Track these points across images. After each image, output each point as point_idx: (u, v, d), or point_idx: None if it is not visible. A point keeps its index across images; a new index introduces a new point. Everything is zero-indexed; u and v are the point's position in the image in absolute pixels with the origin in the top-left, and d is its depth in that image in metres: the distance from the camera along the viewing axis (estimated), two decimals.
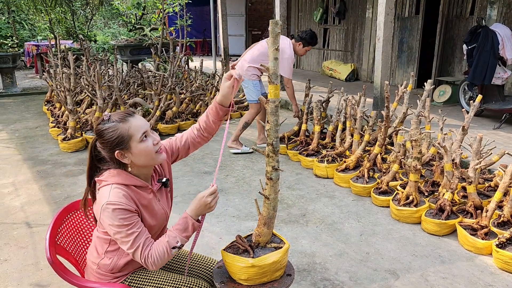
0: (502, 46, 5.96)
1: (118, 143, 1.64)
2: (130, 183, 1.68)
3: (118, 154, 1.66)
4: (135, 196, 1.68)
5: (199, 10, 15.46)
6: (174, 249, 1.64)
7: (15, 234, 3.39)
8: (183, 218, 1.69)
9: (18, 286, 2.72)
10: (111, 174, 1.69)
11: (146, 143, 1.67)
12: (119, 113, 1.69)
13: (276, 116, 1.70)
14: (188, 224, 1.67)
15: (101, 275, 1.79)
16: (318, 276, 2.82)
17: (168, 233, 1.67)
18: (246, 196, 4.09)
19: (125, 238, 1.60)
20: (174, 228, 1.68)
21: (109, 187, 1.64)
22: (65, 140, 5.44)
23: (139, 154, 1.67)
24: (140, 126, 1.67)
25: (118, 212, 1.59)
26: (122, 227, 1.59)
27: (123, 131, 1.64)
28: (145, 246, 1.62)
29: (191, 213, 1.69)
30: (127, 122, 1.65)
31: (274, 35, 1.55)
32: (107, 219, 1.60)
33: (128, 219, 1.60)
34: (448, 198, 3.40)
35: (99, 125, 1.68)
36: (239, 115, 7.43)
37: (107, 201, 1.59)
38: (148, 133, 1.70)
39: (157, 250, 1.63)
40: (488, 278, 2.81)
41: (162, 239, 1.66)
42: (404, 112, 4.52)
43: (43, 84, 10.34)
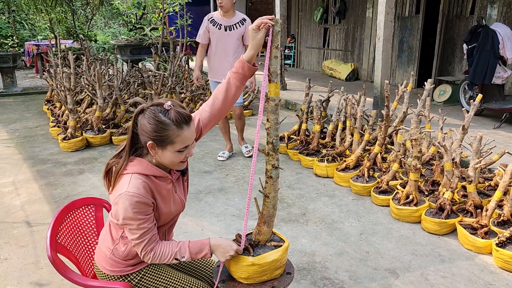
0: (503, 45, 5.96)
1: (160, 139, 1.60)
2: (150, 173, 1.67)
3: (150, 144, 1.62)
4: (154, 186, 1.67)
5: (199, 9, 15.45)
6: (176, 260, 1.69)
7: (15, 233, 3.39)
8: (204, 243, 1.72)
9: (18, 285, 2.72)
10: (132, 163, 1.67)
11: (181, 154, 1.66)
12: (180, 113, 1.60)
13: (276, 115, 1.70)
14: (203, 250, 1.72)
15: (114, 262, 1.78)
16: (318, 275, 2.82)
17: (182, 245, 1.70)
18: (246, 195, 4.08)
19: (134, 230, 1.63)
20: (190, 244, 1.71)
21: (129, 176, 1.63)
22: (65, 140, 5.44)
23: (167, 157, 1.65)
24: (188, 139, 1.64)
25: (135, 205, 1.59)
26: (134, 220, 1.61)
27: (171, 134, 1.59)
28: (150, 242, 1.66)
29: (212, 245, 1.73)
30: (181, 129, 1.60)
31: (274, 34, 1.55)
32: (121, 209, 1.60)
33: (142, 213, 1.62)
34: (448, 197, 3.40)
35: (155, 108, 1.60)
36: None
37: (126, 191, 1.59)
38: (189, 146, 1.68)
39: (162, 251, 1.67)
40: (488, 277, 2.81)
41: (173, 245, 1.69)
42: (404, 111, 4.52)
43: (43, 84, 10.35)
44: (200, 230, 3.39)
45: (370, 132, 4.50)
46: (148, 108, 1.63)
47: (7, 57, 9.01)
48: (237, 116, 5.12)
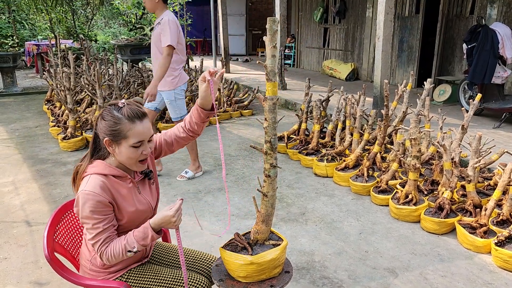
0: (502, 45, 5.97)
1: (113, 134, 1.67)
2: (108, 172, 1.71)
3: (106, 141, 1.68)
4: (112, 186, 1.70)
5: (199, 9, 15.47)
6: (130, 252, 1.66)
7: (15, 232, 3.39)
8: (145, 227, 1.69)
9: (18, 284, 2.72)
10: (92, 165, 1.73)
11: (136, 150, 1.69)
12: (133, 109, 1.68)
13: (274, 114, 1.70)
14: (148, 234, 1.67)
15: (95, 272, 1.80)
16: (317, 274, 2.83)
17: (128, 237, 1.68)
18: (246, 195, 4.09)
19: (90, 230, 1.65)
20: (134, 234, 1.69)
21: (88, 177, 1.68)
22: (65, 139, 5.44)
23: (123, 154, 1.69)
24: (140, 134, 1.68)
25: (90, 203, 1.62)
26: (90, 219, 1.63)
27: (123, 128, 1.66)
28: (104, 243, 1.66)
29: (153, 224, 1.68)
30: (133, 123, 1.66)
31: (271, 33, 1.55)
32: (80, 207, 1.64)
33: (98, 213, 1.63)
34: (448, 196, 3.40)
35: (110, 107, 1.70)
36: (239, 114, 7.44)
37: (83, 190, 1.64)
38: (145, 142, 1.71)
39: (113, 249, 1.66)
40: (487, 277, 2.81)
41: (121, 240, 1.68)
42: (404, 111, 4.52)
43: (43, 84, 10.35)
44: (200, 230, 3.40)
45: (369, 131, 4.51)
46: (105, 108, 1.71)
47: (7, 57, 9.01)
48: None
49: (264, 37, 1.61)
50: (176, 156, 5.23)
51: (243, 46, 16.57)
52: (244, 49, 16.59)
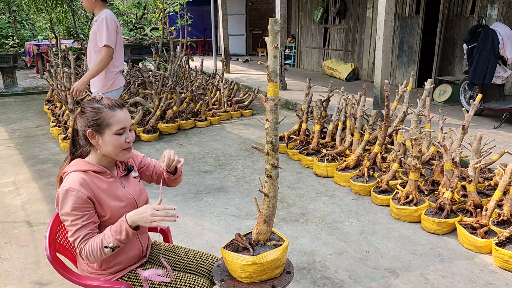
0: (503, 45, 5.97)
1: (95, 124, 1.69)
2: (88, 169, 1.72)
3: (89, 133, 1.70)
4: (92, 181, 1.70)
5: (199, 9, 15.48)
6: (107, 248, 1.63)
7: (16, 232, 3.40)
8: (121, 220, 1.67)
9: (19, 284, 2.73)
10: (71, 164, 1.74)
11: (120, 137, 1.72)
12: (110, 99, 1.74)
13: (275, 114, 1.71)
14: (123, 228, 1.63)
15: (93, 274, 1.80)
16: (318, 275, 2.83)
17: (105, 232, 1.67)
18: (247, 195, 4.10)
19: (70, 227, 1.64)
20: (111, 228, 1.67)
21: (68, 176, 1.69)
22: (66, 139, 5.44)
23: (108, 143, 1.71)
24: (122, 120, 1.72)
25: (69, 199, 1.62)
26: (69, 216, 1.63)
27: (105, 116, 1.69)
28: (83, 240, 1.64)
29: (129, 218, 1.65)
30: (113, 111, 1.71)
31: (273, 34, 1.56)
32: (60, 204, 1.64)
33: (77, 209, 1.63)
34: (448, 197, 3.40)
35: (88, 101, 1.74)
36: (240, 114, 7.44)
37: (62, 185, 1.64)
38: (127, 129, 1.75)
39: (91, 246, 1.64)
40: (488, 277, 2.81)
41: (99, 235, 1.66)
42: (404, 111, 4.52)
43: (44, 84, 10.36)
44: (200, 230, 3.40)
45: (370, 132, 4.51)
46: (83, 103, 1.75)
47: (7, 57, 9.02)
48: None
49: (265, 38, 1.61)
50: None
51: (243, 46, 16.57)
52: (244, 49, 16.59)
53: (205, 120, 6.77)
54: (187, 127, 6.53)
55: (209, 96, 7.45)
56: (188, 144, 5.81)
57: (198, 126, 6.68)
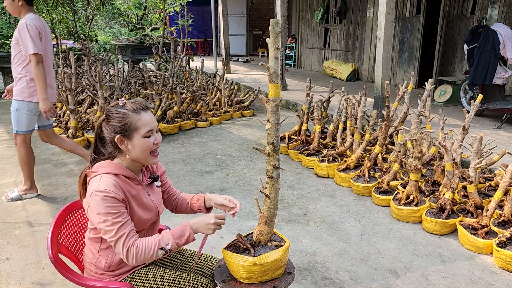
0: (503, 45, 5.97)
1: (123, 129, 1.69)
2: (119, 172, 1.72)
3: (118, 139, 1.70)
4: (124, 185, 1.71)
5: (200, 10, 15.48)
6: (162, 250, 1.64)
7: (17, 233, 3.40)
8: (184, 225, 1.71)
9: (20, 285, 2.73)
10: (101, 165, 1.72)
11: (148, 140, 1.72)
12: (134, 103, 1.74)
13: (276, 115, 1.71)
14: (185, 232, 1.69)
15: (100, 275, 1.81)
16: (319, 275, 2.83)
17: (163, 233, 1.69)
18: (247, 196, 4.10)
19: (110, 227, 1.61)
20: (171, 231, 1.70)
21: (99, 177, 1.68)
22: None
23: (137, 146, 1.71)
24: (149, 123, 1.72)
25: (106, 200, 1.61)
26: (108, 215, 1.61)
27: (132, 120, 1.69)
28: (129, 236, 1.63)
29: (193, 225, 1.72)
30: (139, 114, 1.71)
31: (274, 35, 1.56)
32: (94, 207, 1.62)
33: (115, 208, 1.63)
34: (449, 197, 3.40)
35: (112, 107, 1.73)
36: (240, 114, 7.45)
37: (96, 188, 1.62)
38: (154, 131, 1.75)
39: (144, 245, 1.63)
40: (489, 277, 2.81)
41: (155, 236, 1.68)
42: (405, 111, 4.52)
43: None
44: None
45: (370, 132, 4.51)
46: (107, 110, 1.73)
47: (8, 57, 9.02)
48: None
49: (267, 39, 1.62)
50: (177, 156, 5.24)
51: (244, 47, 16.57)
52: (245, 50, 16.59)
53: (205, 120, 6.77)
54: (187, 127, 6.53)
55: (209, 96, 7.46)
56: (189, 144, 5.81)
57: (198, 127, 6.68)
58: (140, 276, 1.83)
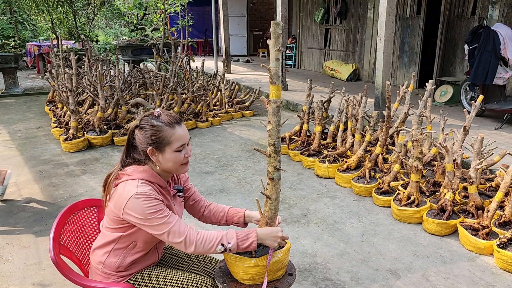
0: (504, 46, 5.97)
1: (156, 142, 1.70)
2: (155, 181, 1.73)
3: (150, 151, 1.71)
4: (158, 194, 1.73)
5: (200, 10, 15.48)
6: (221, 246, 1.67)
7: (18, 233, 3.40)
8: (250, 231, 1.73)
9: (21, 286, 2.73)
10: (137, 170, 1.73)
11: (180, 154, 1.73)
12: (169, 116, 1.73)
13: (277, 117, 1.71)
14: (250, 238, 1.71)
15: (106, 274, 1.81)
16: (320, 276, 2.83)
17: (228, 231, 1.72)
18: (248, 196, 4.10)
19: (159, 221, 1.64)
20: (237, 231, 1.72)
21: (135, 182, 1.68)
22: (67, 140, 5.45)
23: (168, 160, 1.72)
24: (182, 137, 1.73)
25: (149, 201, 1.63)
26: (154, 213, 1.63)
27: (166, 135, 1.69)
28: (182, 225, 1.68)
29: (260, 233, 1.73)
30: (173, 128, 1.71)
31: (275, 36, 1.56)
32: (138, 209, 1.63)
33: (158, 206, 1.65)
34: (450, 198, 3.40)
35: (147, 118, 1.73)
36: (240, 115, 7.45)
37: (137, 192, 1.63)
38: (185, 145, 1.76)
39: (207, 234, 1.68)
40: (490, 278, 2.81)
41: (218, 231, 1.72)
42: (406, 112, 4.52)
43: (45, 84, 10.37)
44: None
45: (371, 133, 4.51)
46: (142, 120, 1.73)
47: (9, 58, 9.03)
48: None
49: (268, 40, 1.62)
50: None
51: (244, 47, 16.56)
52: (245, 50, 16.59)
53: (206, 121, 6.77)
54: (188, 128, 6.53)
55: (210, 96, 7.45)
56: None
57: (199, 127, 6.68)
58: (143, 276, 1.84)
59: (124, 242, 1.77)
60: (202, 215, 2.07)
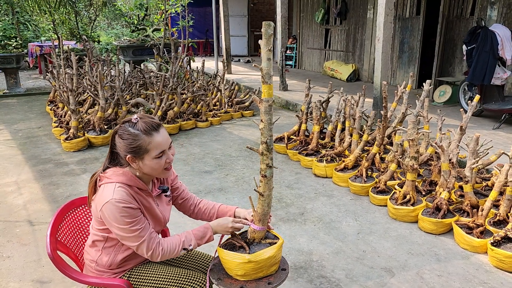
0: (502, 46, 5.99)
1: (134, 151, 1.69)
2: (133, 184, 1.75)
3: (129, 158, 1.71)
4: (137, 196, 1.75)
5: (201, 10, 15.52)
6: (184, 250, 1.75)
7: (18, 231, 3.44)
8: (205, 227, 1.81)
9: (21, 282, 2.77)
10: (117, 173, 1.74)
11: (159, 160, 1.73)
12: (147, 122, 1.70)
13: (269, 115, 1.75)
14: (207, 234, 1.81)
15: (100, 272, 1.85)
16: (315, 274, 2.86)
17: (186, 234, 1.78)
18: (246, 195, 4.13)
19: (130, 234, 1.67)
20: (193, 232, 1.79)
21: (113, 185, 1.69)
22: (68, 140, 5.50)
23: (149, 166, 1.73)
24: (160, 145, 1.71)
25: (122, 210, 1.65)
26: (126, 224, 1.66)
27: (142, 143, 1.68)
28: (151, 239, 1.72)
29: (213, 227, 1.83)
30: (151, 136, 1.69)
31: (267, 37, 1.60)
32: (111, 216, 1.66)
33: (132, 216, 1.67)
34: (445, 197, 3.43)
35: (125, 125, 1.72)
36: (240, 115, 7.48)
37: (112, 198, 1.65)
38: (166, 151, 1.75)
39: (170, 244, 1.74)
40: (483, 276, 2.84)
41: (177, 237, 1.77)
42: (403, 112, 4.55)
43: (47, 85, 10.43)
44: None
45: (369, 132, 4.54)
46: (120, 126, 1.73)
47: (10, 58, 9.08)
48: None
49: (259, 40, 1.65)
50: (177, 156, 5.28)
51: (245, 47, 16.60)
52: (246, 50, 16.63)
53: (206, 120, 6.81)
54: (188, 127, 6.57)
55: (210, 97, 7.49)
56: (189, 144, 5.85)
57: (198, 127, 6.72)
58: (138, 272, 1.87)
59: (112, 241, 1.81)
60: (192, 212, 2.10)
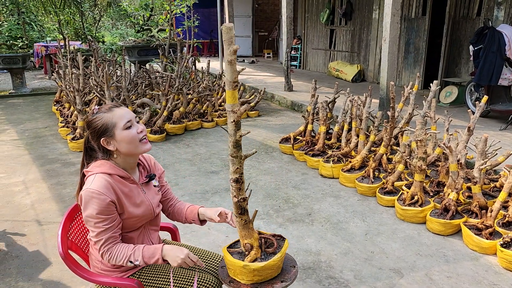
0: (509, 47, 5.96)
1: (103, 130, 1.75)
2: (113, 172, 1.77)
3: (103, 141, 1.76)
4: (117, 184, 1.76)
5: (206, 11, 15.54)
6: (131, 263, 1.73)
7: (26, 231, 3.46)
8: (155, 248, 1.75)
9: (30, 282, 2.78)
10: (96, 164, 1.78)
11: (130, 130, 1.77)
12: (106, 105, 1.82)
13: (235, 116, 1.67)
14: (155, 255, 1.73)
15: (106, 272, 1.85)
16: (323, 274, 2.86)
17: (137, 248, 1.74)
18: (252, 195, 4.13)
19: (92, 228, 1.71)
20: (144, 249, 1.74)
21: (93, 176, 1.74)
22: (74, 140, 5.52)
23: (122, 140, 1.76)
24: (123, 115, 1.78)
25: (94, 201, 1.67)
26: (93, 218, 1.68)
27: (107, 119, 1.75)
28: (106, 243, 1.72)
29: (164, 251, 1.74)
30: (112, 111, 1.77)
31: (227, 39, 1.56)
32: (84, 205, 1.69)
33: (101, 213, 1.68)
34: (453, 198, 3.41)
35: (88, 118, 1.81)
36: (246, 115, 7.48)
37: (87, 188, 1.69)
38: (133, 122, 1.80)
39: (117, 253, 1.72)
40: (493, 278, 2.83)
41: (129, 248, 1.74)
42: (410, 112, 4.54)
43: (52, 85, 10.47)
44: (207, 229, 3.44)
45: (375, 133, 4.53)
46: (86, 123, 1.83)
47: (16, 58, 9.13)
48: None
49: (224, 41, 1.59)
50: (183, 157, 5.29)
51: (250, 48, 16.60)
52: (251, 51, 16.63)
53: (211, 121, 6.81)
54: (193, 128, 6.58)
55: (215, 97, 7.50)
56: (195, 144, 5.85)
57: (204, 127, 6.72)
58: (148, 272, 1.87)
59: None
60: (169, 213, 2.11)
